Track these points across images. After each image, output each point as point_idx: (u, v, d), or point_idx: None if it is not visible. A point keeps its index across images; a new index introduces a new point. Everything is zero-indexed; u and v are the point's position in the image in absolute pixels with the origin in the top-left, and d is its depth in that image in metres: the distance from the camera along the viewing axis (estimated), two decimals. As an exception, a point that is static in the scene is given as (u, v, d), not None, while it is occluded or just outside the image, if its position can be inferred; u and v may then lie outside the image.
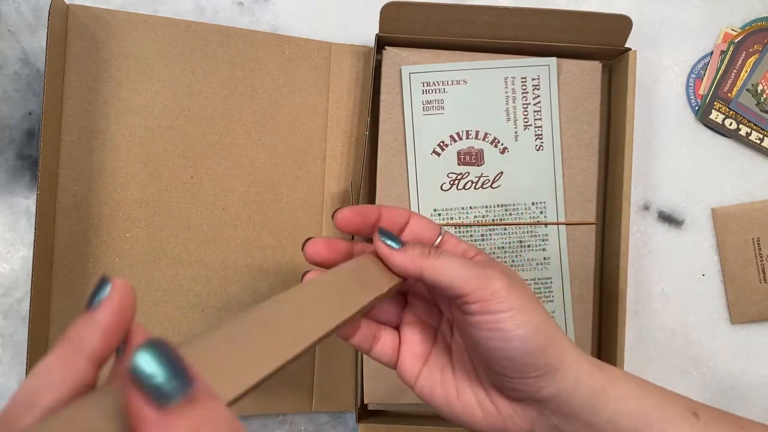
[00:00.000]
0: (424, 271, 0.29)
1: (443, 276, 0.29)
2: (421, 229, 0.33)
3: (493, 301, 0.28)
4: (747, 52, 0.51)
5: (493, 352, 0.29)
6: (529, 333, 0.28)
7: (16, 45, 0.47)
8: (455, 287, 0.29)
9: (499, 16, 0.44)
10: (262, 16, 0.49)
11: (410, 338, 0.33)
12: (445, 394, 0.32)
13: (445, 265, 0.29)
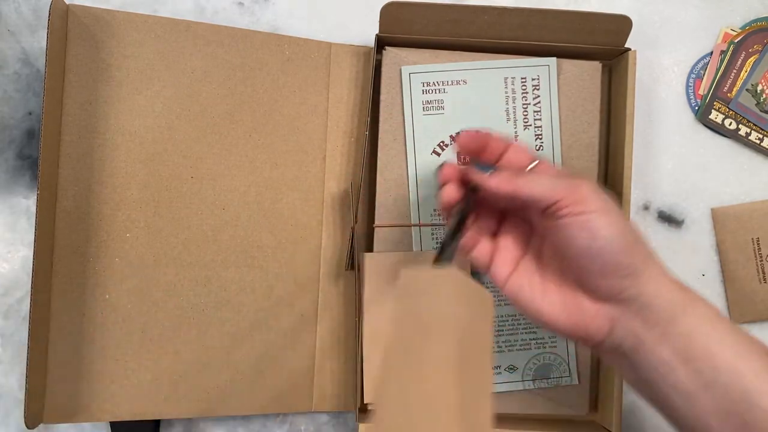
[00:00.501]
0: (516, 191, 0.32)
1: (534, 190, 0.32)
2: (518, 157, 0.36)
3: (582, 203, 0.31)
4: (747, 52, 0.51)
5: (581, 251, 0.31)
6: (615, 233, 0.31)
7: (17, 45, 0.47)
8: (547, 197, 0.32)
9: (499, 16, 0.44)
10: (262, 16, 0.49)
11: (504, 246, 0.36)
12: (532, 295, 0.34)
13: (535, 181, 0.32)
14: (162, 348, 0.45)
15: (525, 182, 0.32)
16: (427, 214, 0.47)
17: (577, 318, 0.33)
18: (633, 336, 0.32)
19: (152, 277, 0.45)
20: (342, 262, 0.48)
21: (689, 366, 0.30)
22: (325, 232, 0.48)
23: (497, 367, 0.47)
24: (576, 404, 0.47)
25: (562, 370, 0.47)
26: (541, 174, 0.33)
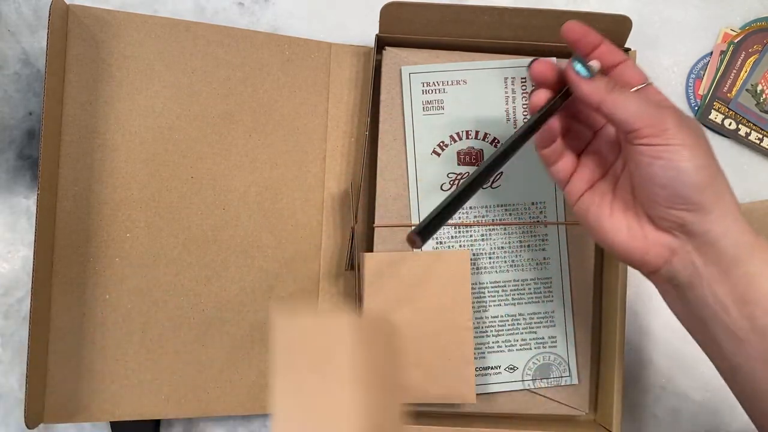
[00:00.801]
0: (602, 104, 0.32)
1: (618, 111, 0.32)
2: (629, 74, 0.35)
3: (662, 135, 0.31)
4: (746, 52, 0.51)
5: (652, 179, 0.32)
6: (690, 168, 0.30)
7: (17, 45, 0.47)
8: (629, 122, 0.32)
9: (498, 17, 0.44)
10: (262, 17, 0.49)
11: (585, 164, 0.37)
12: (599, 213, 0.35)
13: (623, 101, 0.32)
14: (162, 348, 0.45)
15: (614, 99, 0.32)
16: (426, 214, 0.46)
17: (637, 242, 0.33)
18: (691, 269, 0.32)
19: (152, 277, 0.45)
20: (342, 262, 0.48)
21: (745, 309, 0.30)
22: (325, 232, 0.48)
23: (497, 367, 0.47)
24: (576, 404, 0.47)
25: (562, 369, 0.47)
26: (631, 96, 0.32)
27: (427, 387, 0.44)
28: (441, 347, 0.44)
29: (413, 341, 0.44)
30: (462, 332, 0.44)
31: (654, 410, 0.50)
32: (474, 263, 0.47)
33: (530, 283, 0.47)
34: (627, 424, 0.50)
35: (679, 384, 0.51)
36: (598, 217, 0.35)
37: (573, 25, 0.36)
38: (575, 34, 0.36)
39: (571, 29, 0.36)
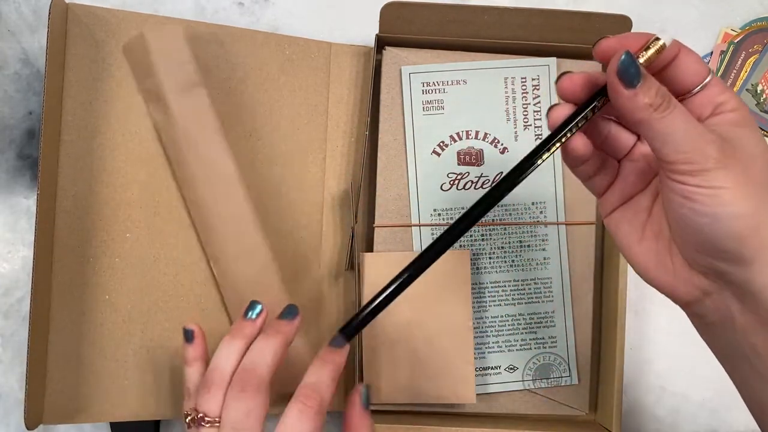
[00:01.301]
0: (641, 125, 0.28)
1: (657, 138, 0.27)
2: (685, 69, 0.29)
3: (699, 176, 0.26)
4: (747, 52, 0.51)
5: (683, 220, 0.28)
6: (728, 215, 0.26)
7: (17, 45, 0.47)
8: (664, 153, 0.27)
9: (499, 16, 0.44)
10: (262, 16, 0.49)
11: (625, 174, 0.32)
12: (629, 235, 0.31)
13: (665, 128, 0.27)
14: (162, 348, 0.45)
15: (653, 125, 0.27)
16: (427, 214, 0.47)
17: (667, 277, 0.30)
18: (725, 313, 0.29)
19: (152, 277, 0.45)
20: (342, 262, 0.48)
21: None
22: (325, 232, 0.48)
23: (497, 367, 0.47)
24: (576, 404, 0.47)
25: (562, 370, 0.47)
26: (682, 119, 0.27)
27: (427, 387, 0.44)
28: (441, 347, 0.44)
29: (413, 341, 0.44)
30: (462, 332, 0.44)
31: (654, 410, 0.50)
32: (474, 263, 0.47)
33: (530, 283, 0.47)
34: (627, 424, 0.50)
35: (679, 384, 0.50)
36: (628, 239, 0.31)
37: (607, 42, 0.29)
38: (611, 51, 0.28)
39: (607, 48, 0.29)
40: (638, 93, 0.27)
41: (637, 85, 0.27)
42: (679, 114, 0.27)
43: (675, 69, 0.29)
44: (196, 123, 0.43)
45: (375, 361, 0.44)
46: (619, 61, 0.27)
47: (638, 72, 0.27)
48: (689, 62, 0.29)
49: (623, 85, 0.27)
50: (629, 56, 0.27)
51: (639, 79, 0.27)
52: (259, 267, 0.44)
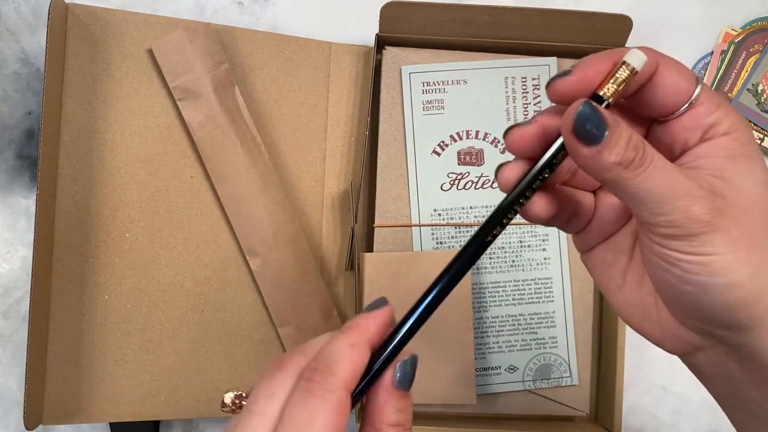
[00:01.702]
0: (609, 186, 0.23)
1: (630, 201, 0.22)
2: (666, 88, 0.23)
3: (686, 240, 0.22)
4: (747, 51, 0.51)
5: (663, 285, 0.23)
6: (717, 286, 0.22)
7: (16, 45, 0.47)
8: (640, 215, 0.22)
9: (499, 16, 0.44)
10: (261, 16, 0.49)
11: (602, 209, 0.27)
12: (608, 280, 0.27)
13: (640, 189, 0.22)
14: (161, 348, 0.45)
15: (631, 185, 0.22)
16: (427, 214, 0.46)
17: (652, 329, 0.26)
18: (721, 368, 0.25)
19: (152, 277, 0.45)
20: (342, 262, 0.48)
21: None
22: (325, 232, 0.48)
23: (498, 367, 0.47)
24: (576, 405, 0.47)
25: (562, 370, 0.47)
26: (657, 179, 0.21)
27: (427, 388, 0.44)
28: (441, 348, 0.44)
29: (413, 341, 0.44)
30: (462, 333, 0.44)
31: (654, 411, 0.50)
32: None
33: (530, 283, 0.47)
34: (627, 424, 0.49)
35: (680, 384, 0.50)
36: (608, 284, 0.27)
37: (563, 84, 0.23)
38: (569, 93, 0.23)
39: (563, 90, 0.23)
40: (602, 151, 0.21)
41: (600, 142, 0.21)
42: (656, 169, 0.22)
43: (653, 89, 0.23)
44: (234, 119, 0.44)
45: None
46: (574, 116, 0.21)
47: (600, 124, 0.21)
48: (671, 79, 0.23)
49: (582, 144, 0.22)
50: (587, 107, 0.21)
51: (602, 133, 0.21)
52: (299, 255, 0.45)
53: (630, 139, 0.22)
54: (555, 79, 0.23)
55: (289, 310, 0.46)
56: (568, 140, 0.22)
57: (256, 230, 0.45)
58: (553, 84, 0.23)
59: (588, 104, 0.21)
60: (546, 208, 0.25)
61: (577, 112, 0.21)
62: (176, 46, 0.44)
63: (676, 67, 0.24)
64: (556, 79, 0.23)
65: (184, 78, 0.44)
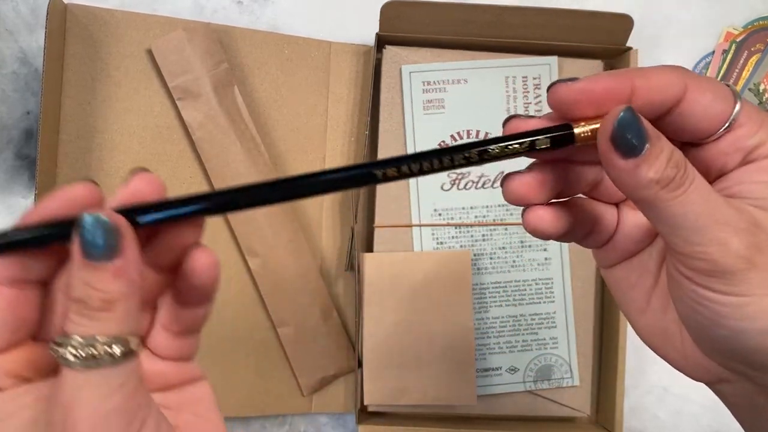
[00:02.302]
0: (642, 206, 0.21)
1: (663, 225, 0.20)
2: (698, 116, 0.21)
3: (719, 278, 0.20)
4: (749, 51, 0.50)
5: (693, 322, 0.22)
6: (753, 331, 0.20)
7: (15, 44, 0.47)
8: (672, 242, 0.20)
9: (499, 15, 0.44)
10: (261, 15, 0.49)
11: (626, 226, 0.24)
12: (631, 301, 0.25)
13: (676, 212, 0.19)
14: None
15: (664, 207, 0.20)
16: (428, 214, 0.46)
17: (675, 356, 0.24)
18: (748, 401, 0.23)
19: (151, 277, 0.44)
20: (342, 262, 0.47)
21: None
22: (325, 232, 0.48)
23: (498, 368, 0.47)
24: (577, 405, 0.47)
25: (563, 371, 0.47)
26: (695, 201, 0.19)
27: (427, 388, 0.44)
28: (441, 348, 0.44)
29: (413, 342, 0.44)
30: (463, 333, 0.44)
31: (656, 411, 0.50)
32: (475, 264, 0.46)
33: (531, 283, 0.47)
34: (628, 425, 0.49)
35: (681, 385, 0.50)
36: (630, 306, 0.25)
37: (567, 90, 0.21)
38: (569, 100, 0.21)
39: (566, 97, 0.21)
40: (640, 164, 0.19)
41: (639, 154, 0.19)
42: (697, 192, 0.19)
43: (682, 115, 0.21)
44: (233, 119, 0.44)
45: (375, 362, 0.44)
46: (614, 122, 0.19)
47: (642, 135, 0.19)
48: (702, 103, 0.20)
49: (619, 155, 0.20)
50: (630, 114, 0.19)
51: (643, 144, 0.19)
52: (299, 255, 0.45)
53: (672, 155, 0.20)
54: (557, 84, 0.21)
55: (288, 311, 0.45)
56: (603, 149, 0.20)
57: (255, 230, 0.45)
58: (555, 88, 0.21)
59: (630, 111, 0.19)
60: (555, 223, 0.23)
61: (618, 118, 0.19)
62: (175, 45, 0.43)
63: (710, 88, 0.21)
64: (559, 84, 0.21)
65: (184, 78, 0.44)
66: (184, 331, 0.24)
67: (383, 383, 0.44)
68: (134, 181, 0.20)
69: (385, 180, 0.21)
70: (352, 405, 0.47)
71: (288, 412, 0.47)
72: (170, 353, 0.24)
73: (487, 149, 0.21)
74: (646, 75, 0.20)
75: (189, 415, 0.24)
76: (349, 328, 0.47)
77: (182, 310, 0.23)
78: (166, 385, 0.24)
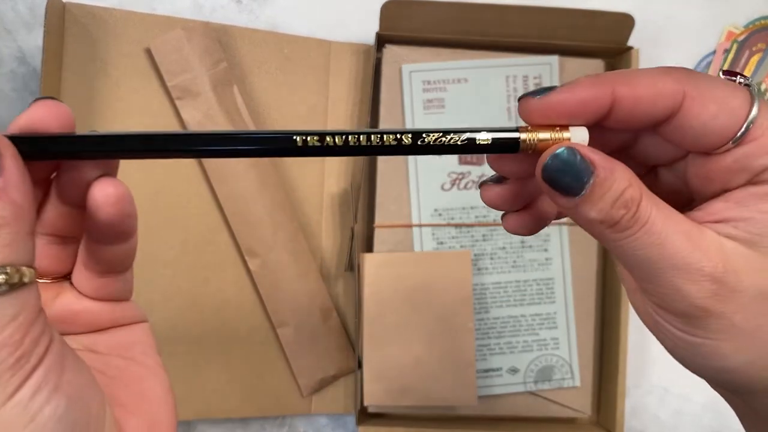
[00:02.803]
0: (614, 250, 0.19)
1: (619, 260, 0.19)
2: (701, 128, 0.18)
3: (681, 320, 0.19)
4: (750, 50, 0.50)
5: (667, 347, 0.20)
6: (715, 368, 0.19)
7: (13, 43, 0.47)
8: (633, 275, 0.19)
9: (500, 14, 0.43)
10: (260, 14, 0.49)
11: None
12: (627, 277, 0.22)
13: (627, 254, 0.18)
14: (159, 349, 0.44)
15: (619, 240, 0.18)
16: (428, 214, 0.46)
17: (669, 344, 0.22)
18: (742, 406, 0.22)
19: (149, 278, 0.44)
20: (342, 262, 0.47)
21: None
22: (324, 232, 0.47)
23: (499, 369, 0.46)
24: (578, 406, 0.47)
25: (564, 372, 0.47)
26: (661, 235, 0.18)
27: (427, 389, 0.44)
28: (442, 349, 0.44)
29: (413, 343, 0.44)
30: (463, 334, 0.44)
31: (657, 412, 0.50)
32: (475, 264, 0.46)
33: (532, 284, 0.46)
34: (629, 426, 0.49)
35: (682, 385, 0.50)
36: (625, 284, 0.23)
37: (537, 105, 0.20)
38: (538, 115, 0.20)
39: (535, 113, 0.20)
40: (580, 205, 0.18)
41: (577, 195, 0.18)
42: (649, 233, 0.18)
43: (677, 129, 0.19)
44: (232, 119, 0.44)
45: (375, 363, 0.44)
46: (544, 162, 0.19)
47: (580, 175, 0.18)
48: (704, 116, 0.18)
49: (559, 194, 0.18)
50: (566, 156, 0.18)
51: (582, 185, 0.18)
52: (298, 256, 0.45)
53: (621, 194, 0.18)
54: (526, 98, 0.20)
55: (288, 311, 0.45)
56: (540, 184, 0.19)
57: (255, 230, 0.45)
58: (524, 103, 0.20)
59: (567, 153, 0.18)
60: (532, 228, 0.22)
61: (549, 161, 0.18)
62: (174, 45, 0.43)
63: (715, 98, 0.18)
64: (528, 99, 0.20)
65: (183, 77, 0.43)
66: (107, 270, 0.22)
67: (383, 384, 0.44)
68: (34, 107, 0.19)
69: (305, 149, 0.20)
70: (351, 406, 0.47)
71: (287, 413, 0.47)
72: (97, 293, 0.22)
73: (422, 136, 0.20)
74: (633, 82, 0.18)
75: (120, 359, 0.23)
76: (348, 328, 0.47)
77: (100, 248, 0.21)
78: (96, 325, 0.22)
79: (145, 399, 0.22)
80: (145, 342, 0.24)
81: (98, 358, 0.22)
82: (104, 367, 0.22)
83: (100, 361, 0.22)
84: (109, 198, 0.20)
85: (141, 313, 0.24)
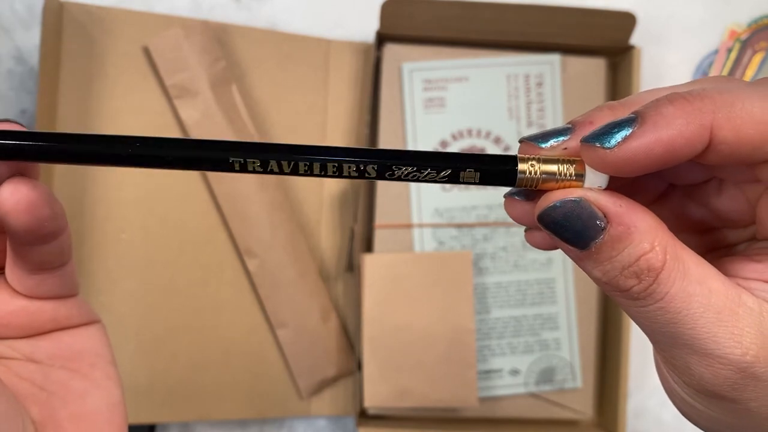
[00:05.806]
0: (621, 307, 0.17)
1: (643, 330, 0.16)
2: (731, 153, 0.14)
3: (698, 397, 0.17)
4: (753, 49, 0.50)
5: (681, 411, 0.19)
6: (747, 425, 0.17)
7: (10, 42, 0.47)
8: (655, 345, 0.17)
9: (501, 12, 0.43)
10: (259, 13, 0.49)
11: None
12: None
13: (643, 322, 0.16)
14: (157, 351, 0.44)
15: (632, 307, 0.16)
16: (428, 214, 0.46)
17: None
18: None
19: (147, 279, 0.44)
20: (342, 262, 0.47)
21: None
22: (324, 233, 0.47)
23: (500, 370, 0.46)
24: (580, 408, 0.47)
25: (566, 373, 0.46)
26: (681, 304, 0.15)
27: (428, 391, 0.44)
28: (442, 350, 0.44)
29: (414, 344, 0.44)
30: (464, 335, 0.44)
31: (659, 414, 0.50)
32: (476, 264, 0.46)
33: (533, 284, 0.46)
34: (632, 428, 0.49)
35: (685, 387, 0.50)
36: None
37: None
38: None
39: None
40: (584, 259, 0.15)
41: (583, 248, 0.15)
42: (665, 310, 0.15)
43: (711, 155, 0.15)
44: (231, 118, 0.43)
45: (375, 364, 0.43)
46: (543, 210, 0.15)
47: (587, 229, 0.15)
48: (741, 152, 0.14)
49: (560, 240, 0.16)
50: (577, 205, 0.15)
51: (588, 242, 0.15)
52: (298, 256, 0.44)
53: (635, 261, 0.14)
54: (591, 145, 0.15)
55: (287, 312, 0.45)
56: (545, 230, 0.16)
57: (253, 230, 0.44)
58: (591, 152, 0.15)
59: (574, 203, 0.15)
60: (553, 244, 0.18)
61: (548, 210, 0.15)
62: (173, 43, 0.43)
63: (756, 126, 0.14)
64: (593, 147, 0.15)
65: (181, 76, 0.43)
66: (38, 268, 0.19)
67: (383, 385, 0.44)
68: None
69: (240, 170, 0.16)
70: (351, 407, 0.47)
71: (286, 414, 0.46)
72: (32, 291, 0.19)
73: (391, 169, 0.15)
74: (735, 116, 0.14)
75: (62, 371, 0.20)
76: (348, 329, 0.47)
77: (24, 248, 0.18)
78: (36, 328, 0.20)
79: (83, 419, 0.20)
80: (94, 349, 0.21)
81: (38, 369, 0.19)
82: (43, 381, 0.19)
83: (40, 373, 0.19)
84: (18, 204, 0.17)
85: (90, 312, 0.21)
